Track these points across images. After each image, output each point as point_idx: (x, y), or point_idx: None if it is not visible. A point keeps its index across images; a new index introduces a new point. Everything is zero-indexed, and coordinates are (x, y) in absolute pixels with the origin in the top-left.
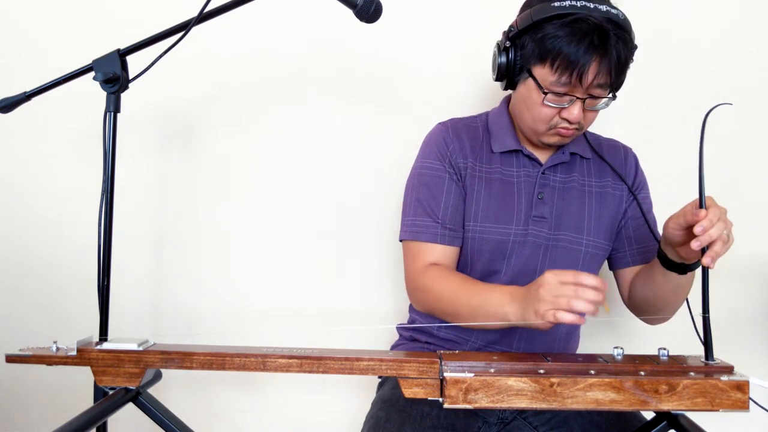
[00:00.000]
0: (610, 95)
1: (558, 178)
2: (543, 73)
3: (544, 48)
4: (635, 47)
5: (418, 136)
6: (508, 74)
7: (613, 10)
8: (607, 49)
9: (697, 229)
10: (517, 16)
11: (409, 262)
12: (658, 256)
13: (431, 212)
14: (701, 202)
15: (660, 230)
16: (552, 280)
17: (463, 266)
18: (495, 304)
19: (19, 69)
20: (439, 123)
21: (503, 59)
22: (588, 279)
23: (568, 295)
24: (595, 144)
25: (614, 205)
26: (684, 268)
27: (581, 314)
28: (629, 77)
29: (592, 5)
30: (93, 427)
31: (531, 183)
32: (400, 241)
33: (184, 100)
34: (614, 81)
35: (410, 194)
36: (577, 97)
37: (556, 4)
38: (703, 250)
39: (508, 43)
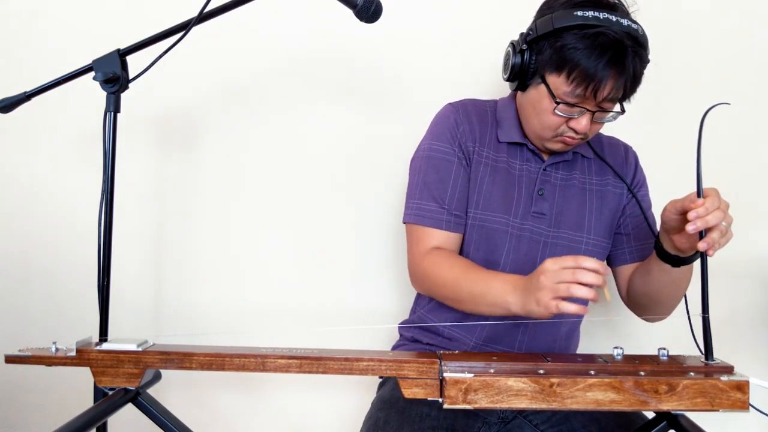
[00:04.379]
0: (619, 109)
1: (560, 175)
2: (557, 82)
3: (563, 58)
4: (648, 62)
5: (414, 134)
6: (521, 76)
7: (633, 25)
8: (625, 65)
9: (691, 215)
10: (536, 19)
11: (413, 245)
12: (655, 247)
13: (438, 197)
14: (699, 192)
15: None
16: (552, 266)
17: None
18: (497, 293)
19: (19, 69)
20: (449, 103)
21: (518, 60)
22: (588, 262)
23: (567, 280)
24: (595, 142)
25: (614, 203)
26: (678, 261)
27: (583, 302)
28: None
29: (614, 18)
30: (93, 428)
31: (532, 178)
32: (404, 223)
33: (184, 100)
34: (626, 95)
35: (416, 176)
36: (588, 110)
37: (579, 13)
38: (702, 236)
39: (524, 46)
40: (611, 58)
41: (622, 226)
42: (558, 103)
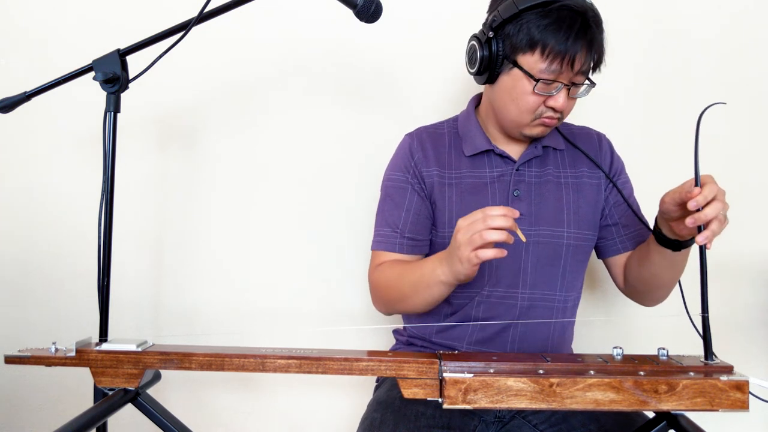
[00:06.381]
0: (589, 82)
1: (533, 172)
2: (532, 61)
3: (533, 36)
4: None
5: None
6: (491, 67)
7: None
8: (592, 35)
9: (690, 204)
10: (494, 8)
11: (369, 267)
12: (653, 232)
13: (392, 223)
14: (696, 181)
15: (644, 211)
16: (463, 223)
17: None
18: (429, 273)
19: (19, 69)
20: (406, 134)
21: (486, 52)
22: (494, 210)
23: (478, 229)
24: (567, 133)
25: (592, 194)
26: (678, 245)
27: (500, 247)
28: (627, 72)
29: None
30: (93, 428)
31: (506, 181)
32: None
33: (184, 100)
34: (595, 66)
35: (378, 206)
36: (564, 84)
37: None
38: (700, 228)
39: (491, 34)
40: (580, 29)
41: (608, 216)
42: (537, 81)
